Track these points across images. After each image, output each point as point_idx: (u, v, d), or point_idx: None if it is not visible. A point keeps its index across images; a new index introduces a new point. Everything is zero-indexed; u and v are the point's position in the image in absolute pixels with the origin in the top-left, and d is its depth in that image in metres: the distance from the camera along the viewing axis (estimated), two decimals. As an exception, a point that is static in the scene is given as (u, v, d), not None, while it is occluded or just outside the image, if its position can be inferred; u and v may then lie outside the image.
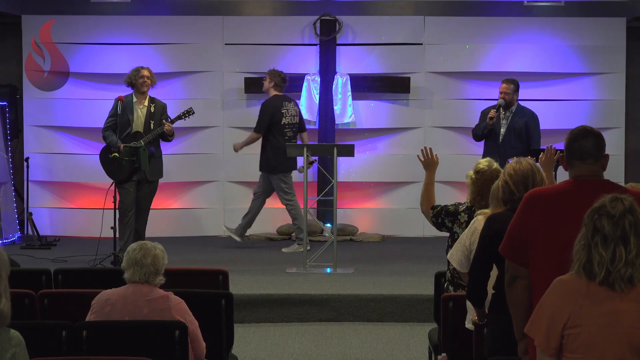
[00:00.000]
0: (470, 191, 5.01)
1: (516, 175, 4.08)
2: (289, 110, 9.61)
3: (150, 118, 8.53)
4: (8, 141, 10.54)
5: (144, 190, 8.54)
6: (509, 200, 4.09)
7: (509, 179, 4.09)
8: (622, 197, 3.00)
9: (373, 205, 11.02)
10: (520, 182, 4.06)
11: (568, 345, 2.99)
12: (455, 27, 10.84)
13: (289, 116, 9.61)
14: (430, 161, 5.63)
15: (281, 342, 6.70)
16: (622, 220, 2.95)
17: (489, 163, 4.95)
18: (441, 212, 5.18)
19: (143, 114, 8.53)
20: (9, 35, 11.08)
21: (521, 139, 8.86)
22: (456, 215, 5.09)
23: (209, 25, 10.84)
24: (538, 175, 4.10)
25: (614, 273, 2.94)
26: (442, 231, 5.23)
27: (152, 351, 3.98)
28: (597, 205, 3.01)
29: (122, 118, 8.46)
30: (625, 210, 2.96)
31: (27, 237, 10.45)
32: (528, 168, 4.10)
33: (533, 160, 4.28)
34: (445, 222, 5.17)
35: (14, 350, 2.92)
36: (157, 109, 8.59)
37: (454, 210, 5.12)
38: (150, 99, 8.62)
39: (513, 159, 4.26)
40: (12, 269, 3.12)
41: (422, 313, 7.19)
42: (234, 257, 9.18)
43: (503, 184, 4.12)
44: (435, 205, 5.27)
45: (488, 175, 4.82)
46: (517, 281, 3.60)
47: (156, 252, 4.35)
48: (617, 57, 10.81)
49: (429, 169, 5.57)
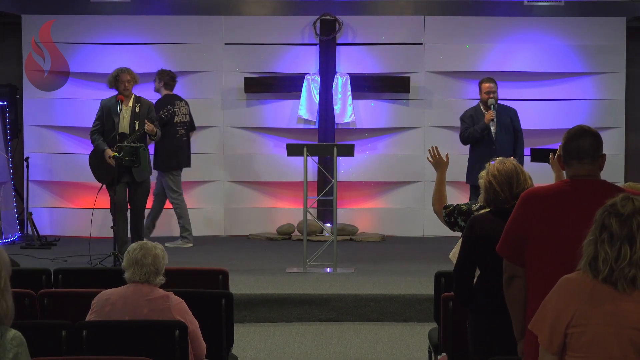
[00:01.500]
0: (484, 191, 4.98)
1: (500, 175, 4.09)
2: (180, 109, 9.76)
3: (135, 118, 8.48)
4: (8, 141, 10.54)
5: (137, 190, 8.53)
6: (493, 200, 4.10)
7: (492, 180, 4.09)
8: (634, 197, 3.00)
9: (373, 205, 11.02)
10: (505, 183, 4.07)
11: (571, 344, 2.99)
12: (455, 27, 10.84)
13: (181, 114, 9.76)
14: (439, 161, 5.57)
15: (281, 342, 6.70)
16: (630, 220, 2.95)
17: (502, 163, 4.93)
18: (454, 211, 5.15)
19: (128, 114, 8.48)
20: (9, 35, 11.09)
21: (511, 134, 8.92)
22: (469, 214, 5.05)
23: (209, 25, 10.84)
24: (522, 175, 4.11)
25: (617, 272, 2.94)
26: (455, 230, 5.19)
27: (152, 351, 3.98)
28: (609, 203, 3.01)
29: (107, 121, 8.45)
30: (635, 210, 2.96)
31: (27, 237, 10.46)
32: (512, 168, 4.11)
33: (516, 160, 4.28)
34: (458, 222, 5.13)
35: (16, 351, 2.91)
36: (142, 108, 8.55)
37: (467, 209, 5.09)
38: (136, 99, 8.58)
39: (496, 159, 4.26)
40: (12, 269, 3.12)
41: (422, 313, 7.19)
42: (234, 257, 9.18)
43: (487, 184, 4.12)
44: (448, 204, 5.24)
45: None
46: (515, 280, 3.60)
47: (156, 252, 4.36)
48: (617, 57, 10.82)
49: (439, 169, 5.52)
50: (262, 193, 11.01)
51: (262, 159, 10.91)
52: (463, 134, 8.97)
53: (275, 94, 10.79)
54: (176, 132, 9.69)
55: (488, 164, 4.97)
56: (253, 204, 10.98)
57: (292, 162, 10.24)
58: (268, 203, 11.01)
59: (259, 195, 11.01)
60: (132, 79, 8.51)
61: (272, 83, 10.73)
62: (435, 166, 5.54)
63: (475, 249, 4.01)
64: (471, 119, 8.95)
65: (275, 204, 10.99)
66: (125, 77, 8.47)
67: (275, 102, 10.85)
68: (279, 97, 10.81)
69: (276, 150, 10.80)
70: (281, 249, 9.79)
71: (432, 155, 5.60)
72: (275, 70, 10.83)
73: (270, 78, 10.75)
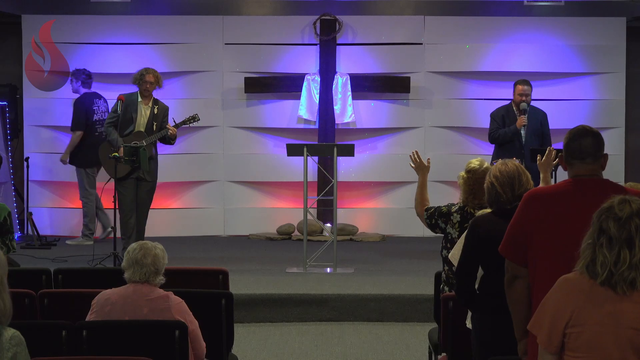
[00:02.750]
0: (463, 191, 5.03)
1: (502, 177, 4.08)
2: (99, 107, 9.91)
3: (153, 119, 8.53)
4: (8, 141, 10.54)
5: (144, 187, 8.54)
6: (494, 202, 4.11)
7: (494, 181, 4.09)
8: (631, 200, 2.98)
9: (373, 205, 11.02)
10: (507, 184, 4.07)
11: (570, 344, 2.99)
12: (455, 27, 10.84)
13: (100, 112, 9.90)
14: (421, 165, 5.68)
15: (281, 342, 6.70)
16: (628, 223, 2.94)
17: (480, 162, 4.96)
18: (434, 213, 5.19)
19: (146, 114, 8.52)
20: (9, 35, 11.09)
21: (540, 139, 8.87)
22: (449, 215, 5.09)
23: (209, 25, 10.84)
24: (524, 176, 4.11)
25: (617, 275, 2.93)
26: (437, 232, 5.23)
27: (152, 351, 3.98)
28: (605, 206, 2.99)
29: (125, 115, 8.47)
30: (632, 213, 2.95)
31: (27, 237, 10.46)
32: (514, 169, 4.11)
33: (518, 161, 4.28)
34: (439, 223, 5.16)
35: (15, 350, 2.91)
36: (160, 111, 8.58)
37: (447, 211, 5.12)
38: (154, 101, 8.61)
39: (497, 161, 4.26)
40: (12, 269, 3.12)
41: (422, 313, 7.19)
42: (234, 257, 9.18)
43: (489, 185, 4.12)
44: (429, 206, 5.28)
45: (480, 175, 4.82)
46: (517, 281, 3.60)
47: (156, 251, 4.35)
48: (617, 57, 10.82)
49: (421, 172, 5.63)
50: (262, 193, 11.01)
51: (262, 159, 10.91)
52: (493, 133, 8.95)
53: (275, 94, 10.79)
54: (95, 130, 9.82)
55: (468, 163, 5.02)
56: (253, 204, 10.98)
57: (292, 162, 10.24)
58: (268, 203, 11.01)
59: (259, 195, 11.01)
60: (155, 82, 8.52)
61: (272, 83, 10.72)
62: (416, 170, 5.69)
63: (477, 249, 4.01)
64: (502, 120, 8.93)
65: (275, 204, 10.99)
66: (150, 78, 8.49)
67: (275, 102, 10.85)
68: (279, 97, 10.81)
69: (276, 150, 10.80)
70: (281, 249, 9.79)
71: (413, 160, 5.74)
72: (275, 70, 10.83)
73: (270, 78, 10.75)
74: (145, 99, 8.54)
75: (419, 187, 5.49)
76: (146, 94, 8.52)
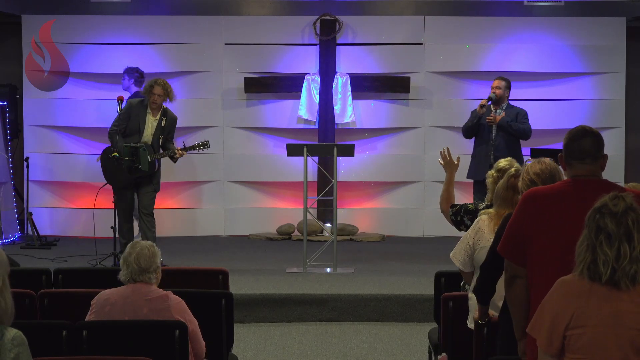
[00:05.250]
0: (491, 190, 4.94)
1: (543, 173, 3.93)
2: None
3: (160, 132, 8.28)
4: (8, 141, 10.54)
5: (145, 189, 8.35)
6: None
7: (536, 178, 3.94)
8: (623, 195, 3.00)
9: (373, 205, 11.02)
10: (549, 180, 3.94)
11: (570, 346, 2.99)
12: (455, 27, 10.84)
13: None
14: (450, 162, 5.61)
15: (281, 342, 6.70)
16: (624, 217, 2.95)
17: (509, 162, 4.89)
18: (460, 210, 5.14)
19: (153, 126, 8.26)
20: (9, 35, 11.09)
21: (511, 134, 8.81)
22: (476, 213, 5.01)
23: (209, 25, 10.84)
24: (560, 170, 4.02)
25: (620, 271, 2.94)
26: (461, 230, 5.17)
27: (152, 351, 3.98)
28: (598, 205, 3.00)
29: (132, 122, 8.24)
30: (627, 207, 2.96)
31: (27, 237, 10.46)
32: (553, 166, 3.98)
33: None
34: (465, 220, 5.12)
35: (17, 350, 2.91)
36: (167, 122, 8.30)
37: (474, 208, 5.07)
38: (164, 111, 8.29)
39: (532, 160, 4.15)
40: (12, 269, 3.11)
41: (422, 313, 7.19)
42: (234, 257, 9.18)
43: (528, 183, 3.99)
44: (455, 204, 5.24)
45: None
46: (517, 281, 3.60)
47: (141, 250, 4.32)
48: (617, 57, 10.82)
49: (449, 170, 5.56)
50: (262, 193, 11.01)
51: (262, 159, 10.91)
52: (463, 126, 8.93)
53: (275, 94, 10.79)
54: None
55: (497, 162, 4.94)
56: (253, 204, 10.98)
57: (292, 162, 10.24)
58: (268, 203, 11.01)
59: (259, 195, 11.01)
60: (164, 95, 8.20)
61: (272, 83, 10.72)
62: (445, 167, 5.59)
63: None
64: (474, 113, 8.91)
65: (275, 204, 10.99)
66: (158, 91, 8.18)
67: (275, 102, 10.85)
68: (279, 97, 10.81)
69: (276, 150, 10.80)
70: (281, 249, 9.79)
71: (443, 157, 5.65)
72: (275, 70, 10.83)
73: (270, 78, 10.75)
74: (154, 110, 8.28)
75: (445, 184, 5.43)
76: (153, 106, 8.24)
